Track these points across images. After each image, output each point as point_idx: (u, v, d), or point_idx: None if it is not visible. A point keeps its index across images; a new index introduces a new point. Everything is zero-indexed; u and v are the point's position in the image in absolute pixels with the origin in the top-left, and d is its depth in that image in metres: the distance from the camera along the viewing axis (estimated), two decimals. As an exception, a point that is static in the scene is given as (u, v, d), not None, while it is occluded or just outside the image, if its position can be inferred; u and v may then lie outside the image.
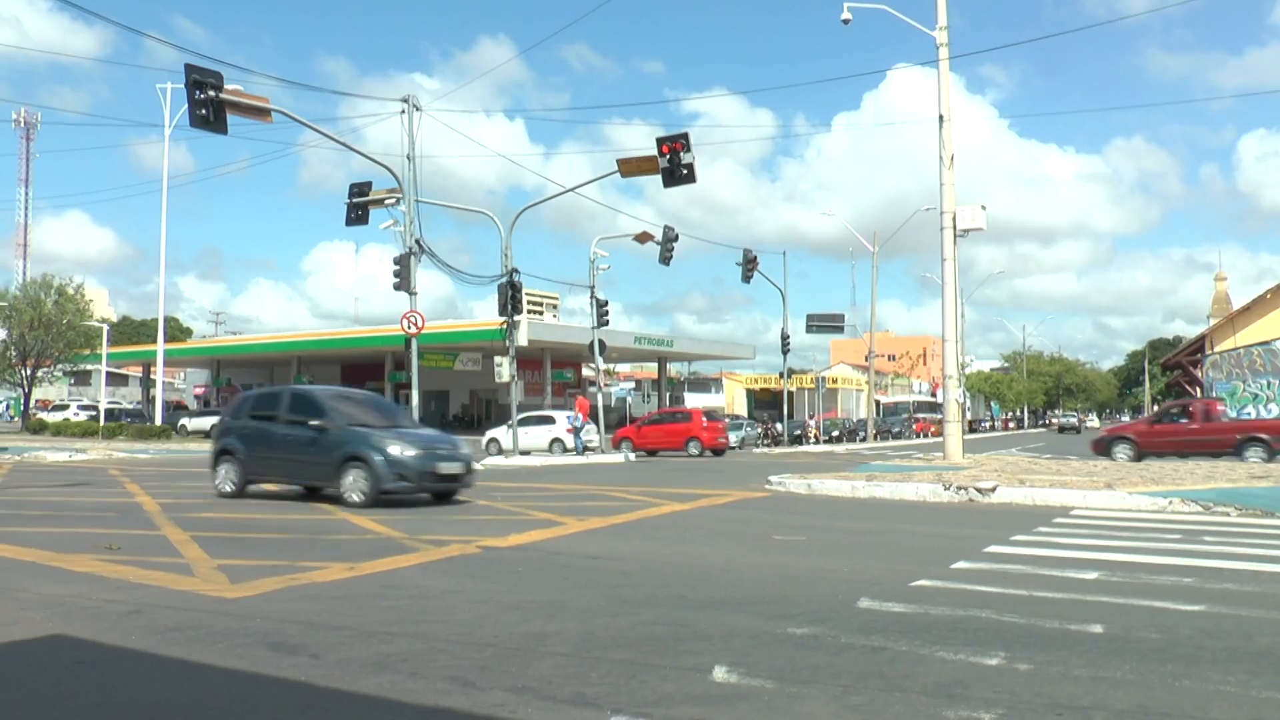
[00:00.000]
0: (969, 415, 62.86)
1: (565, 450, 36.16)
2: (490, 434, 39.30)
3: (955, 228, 27.00)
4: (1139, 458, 29.17)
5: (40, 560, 10.26)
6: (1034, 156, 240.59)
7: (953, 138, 27.22)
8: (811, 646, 6.43)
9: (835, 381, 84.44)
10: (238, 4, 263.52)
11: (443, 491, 16.88)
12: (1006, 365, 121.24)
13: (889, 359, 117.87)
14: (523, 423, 36.30)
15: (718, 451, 37.77)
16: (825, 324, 56.65)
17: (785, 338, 53.41)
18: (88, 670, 6.13)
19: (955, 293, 28.11)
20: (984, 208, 27.34)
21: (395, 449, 15.94)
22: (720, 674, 5.73)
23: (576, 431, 35.68)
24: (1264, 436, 28.28)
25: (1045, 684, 5.56)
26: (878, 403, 68.03)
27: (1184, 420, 30.26)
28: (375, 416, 17.45)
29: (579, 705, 5.16)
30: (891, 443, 58.20)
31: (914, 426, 70.12)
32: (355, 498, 15.89)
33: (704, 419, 38.81)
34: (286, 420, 17.39)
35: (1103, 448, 31.03)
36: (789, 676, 5.70)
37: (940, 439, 30.70)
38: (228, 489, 17.78)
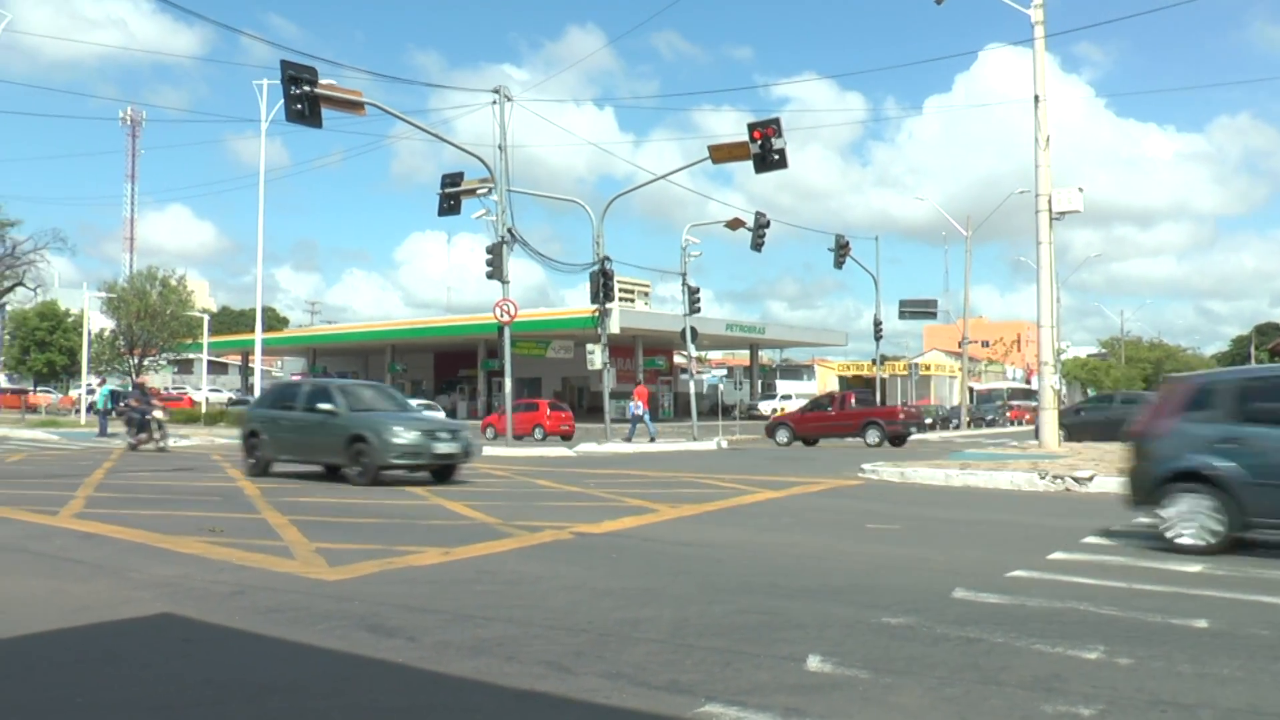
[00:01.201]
0: (1065, 402, 61.73)
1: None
2: None
3: (1051, 211, 26.45)
4: (793, 441, 35.21)
5: (148, 542, 10.59)
6: (1132, 136, 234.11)
7: (1048, 118, 26.66)
8: (906, 637, 6.39)
9: (928, 368, 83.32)
10: (331, 1, 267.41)
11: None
12: (1104, 351, 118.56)
13: (982, 345, 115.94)
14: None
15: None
16: (918, 310, 56.00)
17: (878, 324, 52.90)
18: (194, 648, 6.34)
19: (1051, 277, 27.58)
20: (1080, 190, 26.75)
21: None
22: (815, 663, 5.73)
23: (635, 421, 35.37)
24: (879, 420, 34.88)
25: (1147, 679, 5.46)
26: (971, 390, 66.95)
27: (828, 409, 36.15)
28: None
29: (673, 692, 5.20)
30: (985, 430, 57.31)
31: (1008, 414, 68.97)
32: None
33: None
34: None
35: (770, 432, 36.82)
36: (884, 667, 5.67)
37: (1035, 427, 30.18)
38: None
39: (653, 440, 34.53)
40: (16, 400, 64.31)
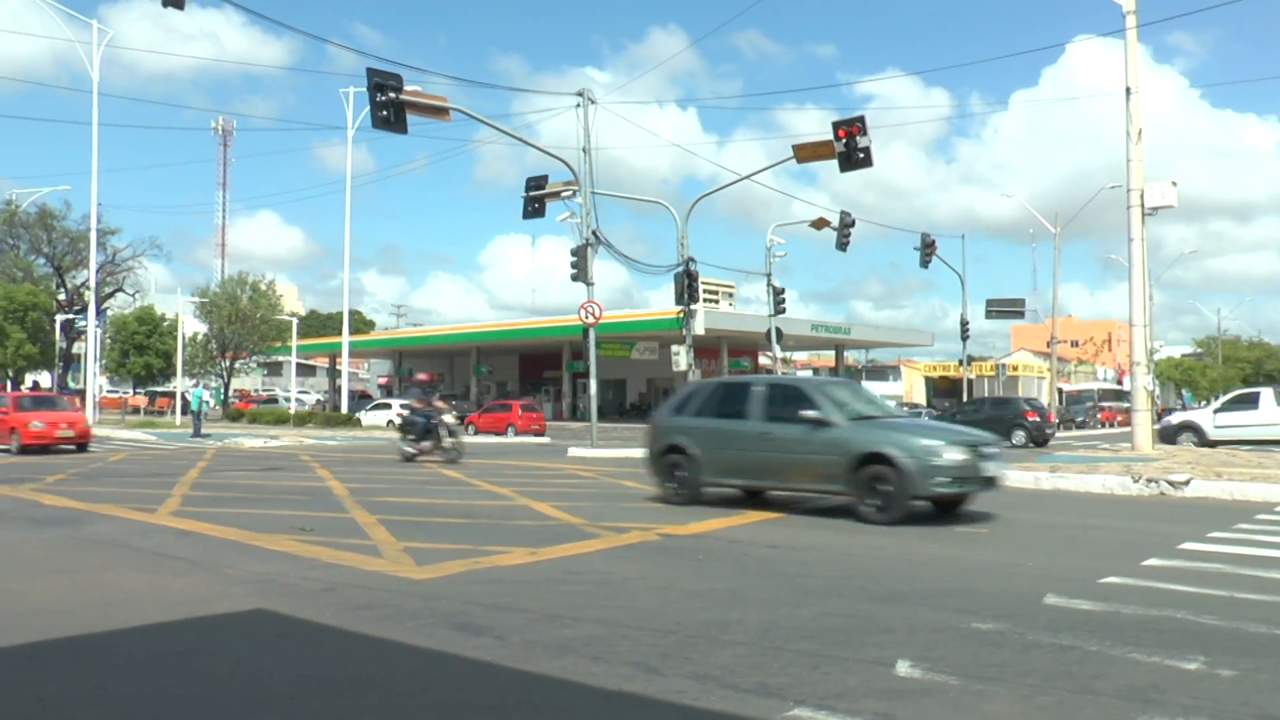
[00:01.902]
0: (1158, 404, 60.31)
1: None
2: None
3: (1143, 206, 25.91)
4: None
5: (241, 539, 10.83)
6: (1229, 127, 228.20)
7: (1140, 111, 26.10)
8: (997, 643, 6.30)
9: (1016, 369, 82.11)
10: (414, 9, 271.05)
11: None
12: (1199, 351, 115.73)
13: (1072, 345, 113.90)
14: None
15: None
16: (1005, 309, 55.10)
17: (964, 324, 52.24)
18: (287, 644, 6.49)
19: (1143, 274, 26.98)
20: (1174, 184, 26.17)
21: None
22: (904, 668, 5.67)
23: None
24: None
25: (1252, 692, 5.31)
26: (1060, 391, 65.67)
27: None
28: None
29: (761, 695, 5.18)
30: (1075, 432, 56.23)
31: (1099, 415, 67.65)
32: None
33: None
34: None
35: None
36: (974, 673, 5.59)
37: (1127, 429, 29.55)
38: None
39: None
40: (117, 401, 66.15)
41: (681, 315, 32.56)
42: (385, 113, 22.62)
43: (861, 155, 25.39)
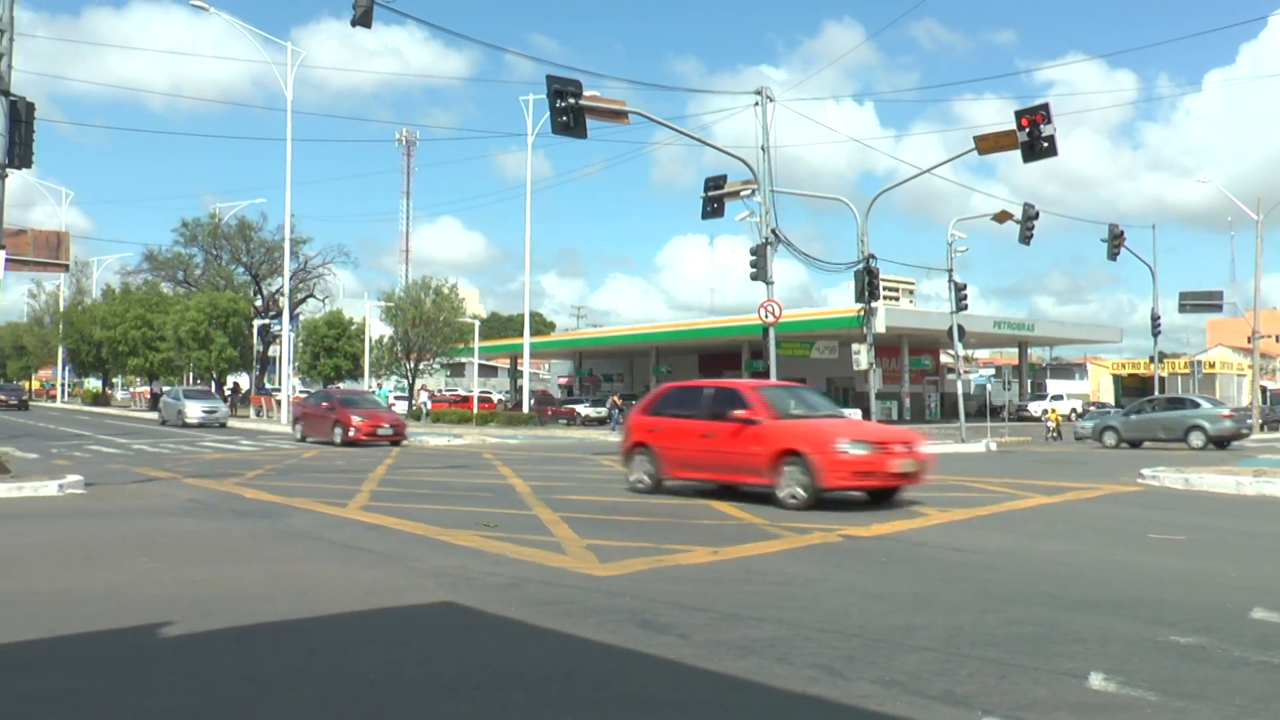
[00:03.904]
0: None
1: None
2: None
3: (1359, 198, 24.43)
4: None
5: (428, 534, 11.16)
6: None
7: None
8: (1198, 658, 6.00)
9: (1213, 366, 78.42)
10: (590, 16, 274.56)
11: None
12: None
13: (1276, 340, 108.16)
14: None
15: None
16: (1200, 303, 52.58)
17: (1155, 319, 50.15)
18: (474, 636, 6.66)
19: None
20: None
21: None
22: (1097, 681, 5.46)
23: None
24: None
25: None
26: (1263, 389, 62.46)
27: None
28: None
29: (948, 703, 5.07)
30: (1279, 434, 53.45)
31: (1307, 416, 64.05)
32: None
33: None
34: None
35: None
36: (1174, 690, 5.34)
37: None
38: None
39: None
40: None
41: (862, 313, 32.15)
42: (565, 118, 22.96)
43: (1046, 144, 24.62)
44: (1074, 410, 61.53)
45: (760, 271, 29.79)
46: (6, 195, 16.70)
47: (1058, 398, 68.28)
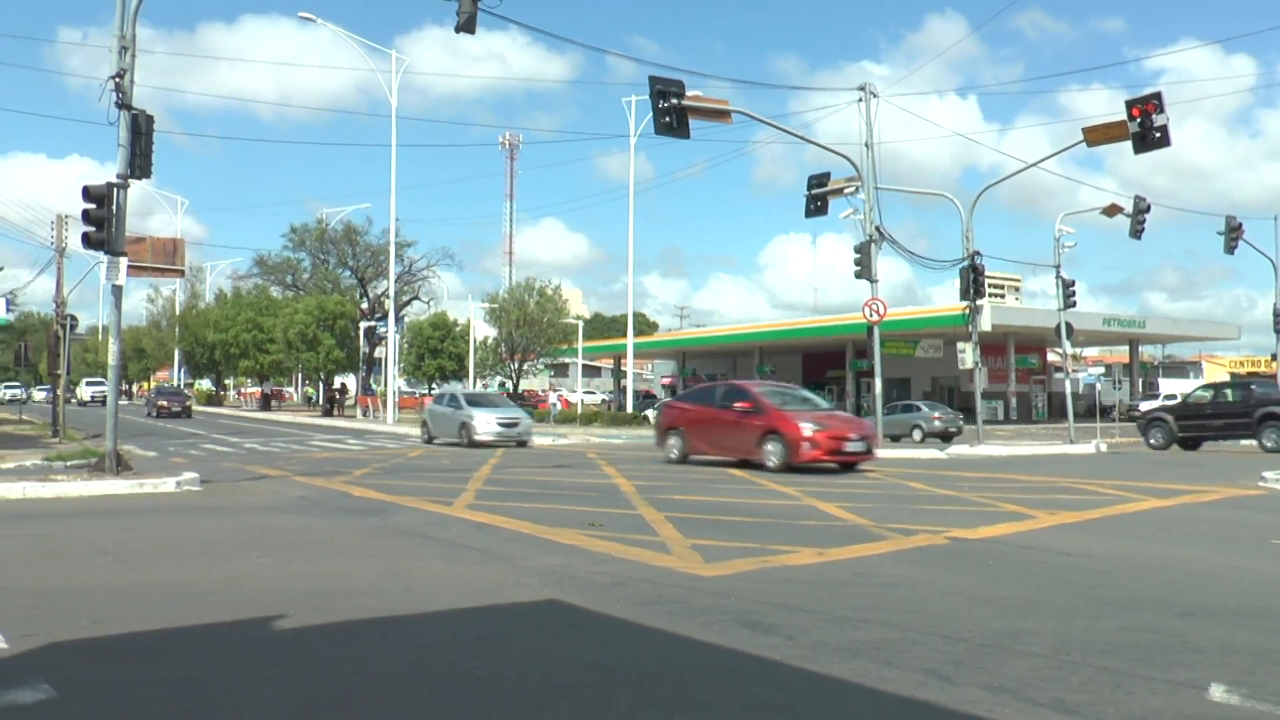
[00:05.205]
0: None
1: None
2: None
3: None
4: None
5: (533, 533, 11.27)
6: None
7: None
8: (1328, 670, 5.78)
9: (1338, 365, 75.69)
10: (690, 16, 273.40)
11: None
12: None
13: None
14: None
15: None
16: (1325, 297, 50.63)
17: (1277, 314, 48.55)
18: (579, 634, 6.72)
19: None
20: None
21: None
22: (1218, 693, 5.28)
23: None
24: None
25: None
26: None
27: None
28: None
29: (1059, 711, 4.96)
30: None
31: None
32: None
33: None
34: None
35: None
36: (1303, 702, 5.13)
37: None
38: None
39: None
40: (414, 401, 70.33)
41: (967, 311, 31.68)
42: (668, 119, 23.03)
43: (1158, 134, 24.02)
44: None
45: (864, 270, 29.56)
46: (128, 205, 17.27)
47: (1171, 397, 66.49)
